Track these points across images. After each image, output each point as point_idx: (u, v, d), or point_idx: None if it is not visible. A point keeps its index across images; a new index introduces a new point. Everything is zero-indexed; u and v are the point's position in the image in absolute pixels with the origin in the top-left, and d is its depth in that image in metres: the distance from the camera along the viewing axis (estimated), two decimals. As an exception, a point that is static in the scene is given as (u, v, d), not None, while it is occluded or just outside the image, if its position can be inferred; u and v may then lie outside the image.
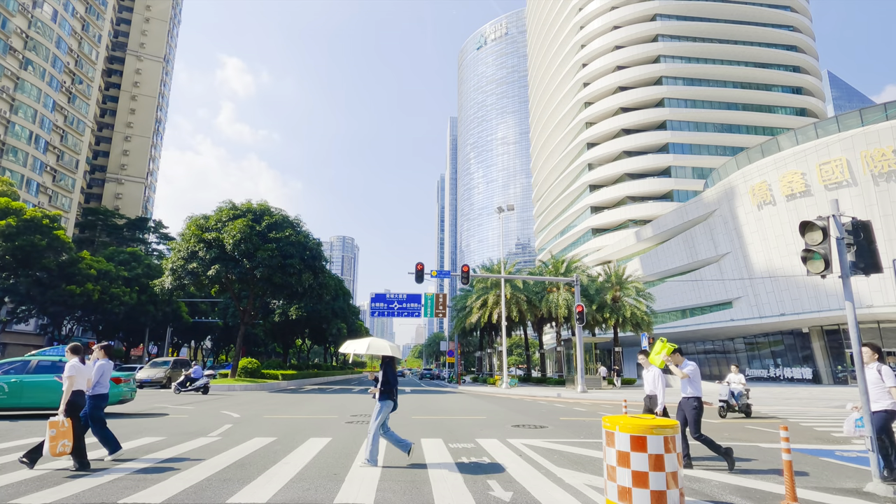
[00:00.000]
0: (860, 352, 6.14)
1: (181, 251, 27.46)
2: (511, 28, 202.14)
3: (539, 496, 5.22)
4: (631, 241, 56.44)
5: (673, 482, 3.91)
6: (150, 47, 79.64)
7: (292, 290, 30.00)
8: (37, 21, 54.28)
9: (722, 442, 9.51)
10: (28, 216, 32.90)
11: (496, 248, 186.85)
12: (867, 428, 5.89)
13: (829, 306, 35.08)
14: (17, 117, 51.77)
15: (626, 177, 63.48)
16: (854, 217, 6.38)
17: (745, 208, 40.92)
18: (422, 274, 23.44)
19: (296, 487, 5.38)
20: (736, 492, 5.60)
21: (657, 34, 63.74)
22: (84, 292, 36.01)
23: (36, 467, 6.12)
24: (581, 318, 25.27)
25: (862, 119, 34.84)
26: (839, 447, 9.03)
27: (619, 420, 4.13)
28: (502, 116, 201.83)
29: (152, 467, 6.33)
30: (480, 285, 40.79)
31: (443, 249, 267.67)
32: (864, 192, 33.85)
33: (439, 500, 5.01)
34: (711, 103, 61.86)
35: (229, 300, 42.65)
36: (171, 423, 10.92)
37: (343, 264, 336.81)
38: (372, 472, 6.22)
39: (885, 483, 5.64)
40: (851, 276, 6.25)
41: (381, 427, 6.75)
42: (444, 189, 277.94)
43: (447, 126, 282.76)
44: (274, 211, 30.11)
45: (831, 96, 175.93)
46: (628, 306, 36.82)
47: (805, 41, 63.61)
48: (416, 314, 37.39)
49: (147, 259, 46.99)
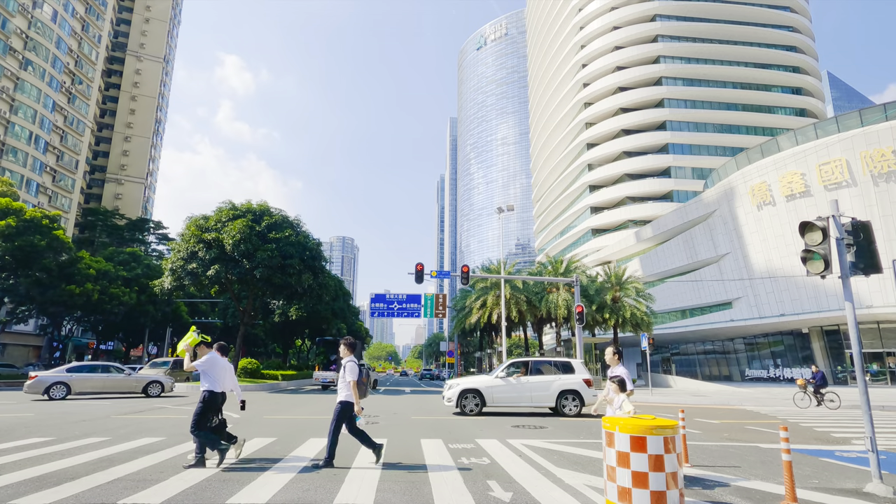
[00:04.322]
0: (860, 353, 6.14)
1: (181, 251, 27.45)
2: (511, 28, 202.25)
3: (539, 496, 5.22)
4: (631, 241, 56.45)
5: (673, 482, 3.91)
6: (150, 47, 79.66)
7: (292, 291, 29.98)
8: (37, 21, 54.29)
9: (719, 442, 9.51)
10: (28, 216, 32.86)
11: (496, 248, 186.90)
12: (867, 428, 5.89)
13: (829, 307, 35.08)
14: (17, 117, 51.77)
15: (626, 177, 63.49)
16: (854, 217, 6.38)
17: (745, 209, 40.93)
18: (422, 274, 23.44)
19: (296, 487, 5.38)
20: (736, 492, 5.61)
21: (657, 35, 63.77)
22: (83, 292, 35.98)
23: (32, 467, 6.12)
24: (581, 318, 25.26)
25: (862, 119, 34.85)
26: (839, 447, 9.03)
27: (618, 420, 4.13)
28: (502, 117, 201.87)
29: (152, 467, 6.33)
30: (480, 286, 40.79)
31: (443, 250, 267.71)
32: (863, 193, 33.85)
33: (439, 500, 5.01)
34: (711, 104, 61.87)
35: (229, 300, 42.63)
36: (171, 423, 10.92)
37: (343, 264, 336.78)
38: (372, 472, 6.22)
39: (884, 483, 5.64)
40: (851, 276, 6.25)
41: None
42: (444, 189, 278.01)
43: (447, 126, 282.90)
44: (274, 211, 30.11)
45: (831, 97, 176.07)
46: (628, 307, 36.83)
47: (805, 42, 63.65)
48: (415, 315, 37.44)
49: (147, 259, 46.96)
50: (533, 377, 13.97)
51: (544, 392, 13.77)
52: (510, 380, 13.86)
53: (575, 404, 13.72)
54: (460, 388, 13.82)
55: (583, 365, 14.48)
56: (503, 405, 14.02)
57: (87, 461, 6.64)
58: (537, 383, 13.85)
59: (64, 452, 7.22)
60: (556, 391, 13.77)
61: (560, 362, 14.51)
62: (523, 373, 14.12)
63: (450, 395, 13.87)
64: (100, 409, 14.25)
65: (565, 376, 14.02)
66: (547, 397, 13.78)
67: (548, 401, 13.81)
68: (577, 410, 13.69)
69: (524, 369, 14.23)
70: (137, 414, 13.11)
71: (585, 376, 13.97)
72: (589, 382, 13.90)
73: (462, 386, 13.94)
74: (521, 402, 13.82)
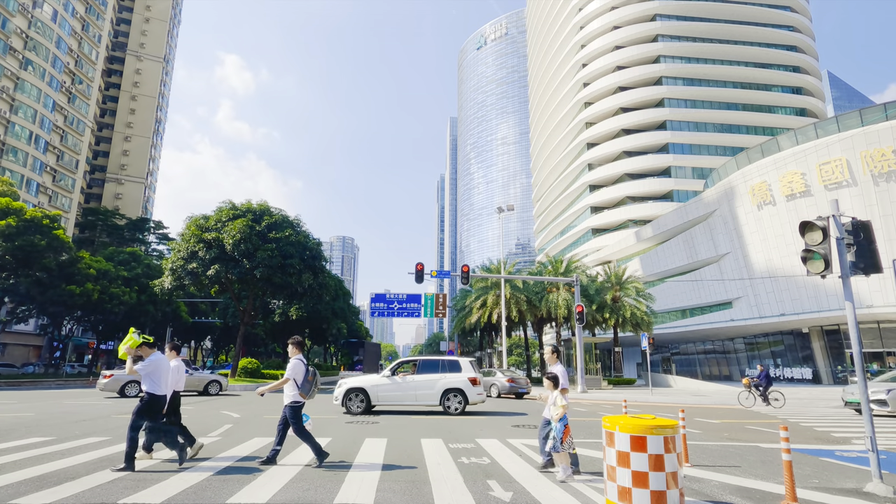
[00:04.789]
0: (860, 352, 6.14)
1: (181, 251, 27.46)
2: (511, 28, 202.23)
3: (539, 496, 5.22)
4: (631, 241, 56.44)
5: (673, 482, 3.91)
6: (150, 47, 79.63)
7: (292, 291, 30.00)
8: (37, 21, 54.27)
9: (719, 441, 9.52)
10: (28, 216, 32.88)
11: (496, 248, 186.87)
12: (867, 428, 5.89)
13: (829, 306, 35.08)
14: (17, 117, 51.76)
15: (626, 177, 63.48)
16: (854, 217, 6.38)
17: (745, 208, 40.92)
18: (422, 274, 23.43)
19: (296, 487, 5.38)
20: (736, 492, 5.61)
21: (657, 34, 63.76)
22: (84, 292, 35.99)
23: (32, 467, 6.12)
24: (581, 318, 25.27)
25: (862, 119, 34.84)
26: (839, 447, 9.03)
27: (619, 420, 4.13)
28: (502, 116, 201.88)
29: (152, 467, 6.33)
30: (480, 285, 40.78)
31: (443, 249, 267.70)
32: (863, 193, 33.84)
33: (439, 499, 5.01)
34: (711, 103, 61.86)
35: (229, 300, 42.64)
36: (171, 423, 10.90)
37: (343, 264, 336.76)
38: (372, 472, 6.22)
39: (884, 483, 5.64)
40: (851, 276, 6.25)
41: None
42: (444, 189, 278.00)
43: (447, 126, 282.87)
44: (274, 211, 30.12)
45: (831, 96, 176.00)
46: (628, 306, 36.83)
47: (805, 41, 63.62)
48: (416, 314, 37.40)
49: (147, 259, 46.98)
50: (419, 376, 13.86)
51: (429, 391, 13.69)
52: (396, 379, 13.73)
53: (459, 402, 13.65)
54: (346, 388, 13.67)
55: (471, 364, 14.35)
56: (389, 404, 13.85)
57: (88, 461, 6.64)
58: (423, 382, 13.75)
59: (64, 452, 7.22)
60: (441, 390, 13.69)
61: (448, 361, 14.33)
62: (412, 371, 14.00)
63: (337, 394, 13.80)
64: (100, 408, 14.25)
65: (451, 375, 13.92)
66: (432, 395, 13.69)
67: (432, 399, 13.72)
68: (462, 408, 13.61)
69: (413, 368, 14.13)
70: (137, 414, 13.11)
71: (472, 375, 13.87)
72: (474, 381, 13.81)
73: (348, 385, 13.77)
74: (406, 401, 13.73)
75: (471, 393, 13.75)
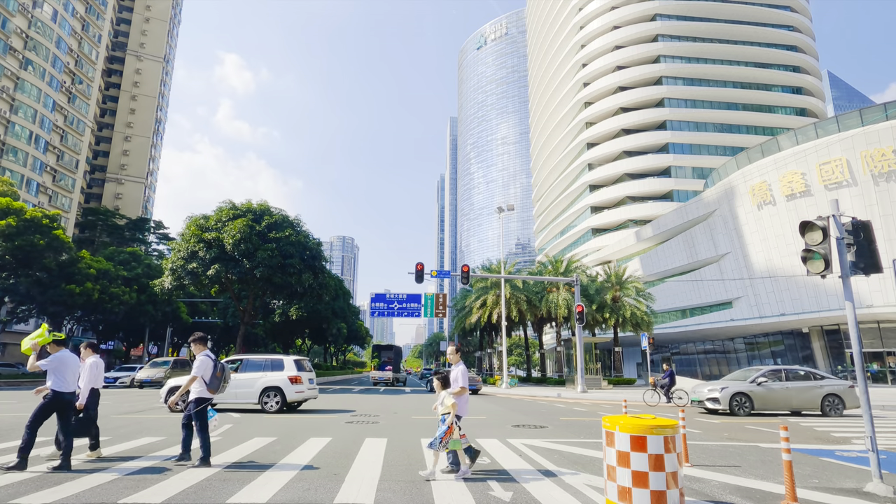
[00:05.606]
0: (860, 352, 6.14)
1: (181, 251, 27.48)
2: (511, 28, 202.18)
3: (539, 496, 5.22)
4: (631, 241, 56.44)
5: (673, 482, 3.91)
6: (150, 47, 79.65)
7: (292, 290, 30.02)
8: (37, 21, 54.28)
9: (719, 441, 9.52)
10: (28, 216, 32.87)
11: (496, 247, 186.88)
12: (867, 427, 5.89)
13: (829, 306, 35.07)
14: (17, 117, 51.78)
15: (626, 177, 63.47)
16: (854, 217, 6.38)
17: (745, 208, 40.91)
18: (422, 274, 23.44)
19: (296, 487, 5.38)
20: (736, 492, 5.61)
21: (657, 34, 63.73)
22: (84, 292, 35.98)
23: (32, 466, 6.12)
24: (581, 318, 25.27)
25: (862, 119, 34.83)
26: (839, 447, 9.03)
27: (619, 420, 4.13)
28: (502, 116, 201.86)
29: (152, 467, 6.33)
30: (480, 285, 40.78)
31: (443, 249, 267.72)
32: (864, 192, 33.83)
33: (439, 500, 5.02)
34: (711, 103, 61.84)
35: (229, 300, 42.66)
36: (171, 423, 10.92)
37: (343, 264, 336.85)
38: (372, 472, 6.22)
39: (884, 483, 5.64)
40: (851, 276, 6.25)
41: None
42: (444, 189, 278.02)
43: (447, 126, 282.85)
44: (274, 211, 30.12)
45: (831, 96, 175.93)
46: (628, 306, 36.82)
47: (805, 41, 63.60)
48: (416, 314, 37.36)
49: (147, 259, 46.98)
50: (241, 374, 13.87)
51: (249, 389, 13.75)
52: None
53: (276, 401, 13.67)
54: (169, 386, 14.32)
55: (295, 363, 14.32)
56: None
57: (87, 460, 6.65)
58: (243, 381, 13.77)
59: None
60: (260, 388, 13.76)
61: (272, 360, 14.36)
62: (236, 370, 13.98)
63: (161, 392, 14.53)
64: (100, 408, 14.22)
65: (272, 373, 13.94)
66: (251, 394, 13.75)
67: (251, 398, 13.76)
68: (278, 407, 13.64)
69: (238, 367, 14.14)
70: (138, 413, 13.12)
71: (293, 374, 13.90)
72: (295, 379, 13.82)
73: (171, 384, 14.39)
74: (227, 399, 13.72)
75: (289, 391, 13.79)
